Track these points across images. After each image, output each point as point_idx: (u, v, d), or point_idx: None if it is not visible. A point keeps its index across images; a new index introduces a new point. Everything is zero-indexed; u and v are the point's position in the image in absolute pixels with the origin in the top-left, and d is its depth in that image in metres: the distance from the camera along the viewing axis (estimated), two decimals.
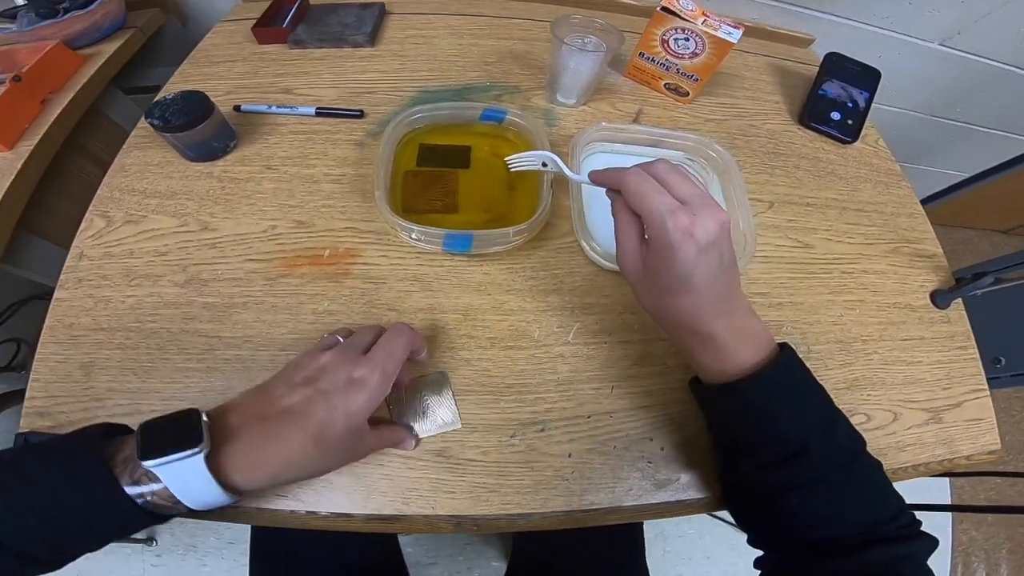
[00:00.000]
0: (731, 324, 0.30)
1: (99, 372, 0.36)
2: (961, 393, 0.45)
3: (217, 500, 0.27)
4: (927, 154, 1.02)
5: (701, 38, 0.51)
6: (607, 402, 0.39)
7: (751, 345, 0.31)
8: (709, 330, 0.30)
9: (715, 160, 0.48)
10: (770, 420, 0.30)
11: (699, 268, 0.28)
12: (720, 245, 0.29)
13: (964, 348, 0.47)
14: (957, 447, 0.42)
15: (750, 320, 0.32)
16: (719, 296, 0.30)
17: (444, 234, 0.39)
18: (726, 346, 0.30)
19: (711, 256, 0.28)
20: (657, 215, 0.28)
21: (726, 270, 0.30)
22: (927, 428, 0.42)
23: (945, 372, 0.45)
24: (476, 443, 0.36)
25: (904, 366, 0.45)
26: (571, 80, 0.52)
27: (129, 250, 0.42)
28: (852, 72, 0.62)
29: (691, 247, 0.27)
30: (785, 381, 0.31)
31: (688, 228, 0.27)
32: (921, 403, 0.43)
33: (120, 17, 0.63)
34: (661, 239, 0.28)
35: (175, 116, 0.44)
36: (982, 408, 0.44)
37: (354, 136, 0.50)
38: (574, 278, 0.43)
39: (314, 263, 0.42)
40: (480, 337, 0.40)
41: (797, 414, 0.30)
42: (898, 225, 0.53)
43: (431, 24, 0.63)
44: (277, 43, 0.59)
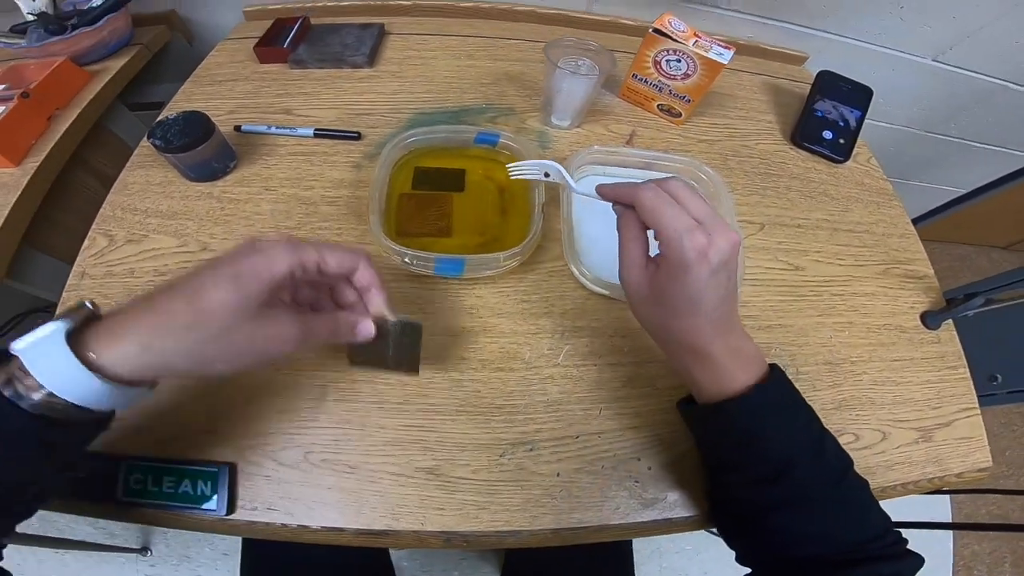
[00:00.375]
0: (728, 344, 0.31)
1: None
2: (951, 412, 0.45)
3: (87, 382, 0.23)
4: (924, 170, 1.02)
5: (692, 59, 0.52)
6: (596, 423, 0.39)
7: (746, 365, 0.31)
8: (708, 350, 0.30)
9: (705, 183, 0.49)
10: (756, 439, 0.30)
11: (709, 290, 0.28)
12: (730, 267, 0.29)
13: (955, 368, 0.47)
14: (947, 465, 0.43)
15: (745, 340, 0.32)
16: (722, 317, 0.30)
17: (436, 258, 0.40)
18: (723, 366, 0.31)
19: (721, 278, 0.28)
20: (674, 233, 0.27)
21: (731, 293, 0.30)
22: (917, 447, 0.43)
23: (935, 392, 0.46)
24: (466, 462, 0.37)
25: (894, 386, 0.45)
26: (565, 103, 0.53)
27: (130, 269, 0.43)
28: (844, 91, 0.63)
29: (704, 268, 0.27)
30: (771, 401, 0.31)
31: (704, 249, 0.27)
32: (911, 422, 0.44)
33: (127, 34, 0.65)
34: (676, 257, 0.28)
35: (176, 137, 0.45)
36: (973, 427, 0.45)
37: (351, 158, 0.51)
38: (565, 302, 0.44)
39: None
40: (471, 359, 0.41)
41: (783, 434, 0.31)
42: (889, 246, 0.54)
43: (428, 45, 0.64)
44: (278, 63, 0.60)
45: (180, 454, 0.35)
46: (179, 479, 0.34)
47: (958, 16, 0.66)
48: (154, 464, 0.35)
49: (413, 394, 0.39)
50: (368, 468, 0.36)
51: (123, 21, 0.63)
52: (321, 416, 0.37)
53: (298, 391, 0.38)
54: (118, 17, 0.61)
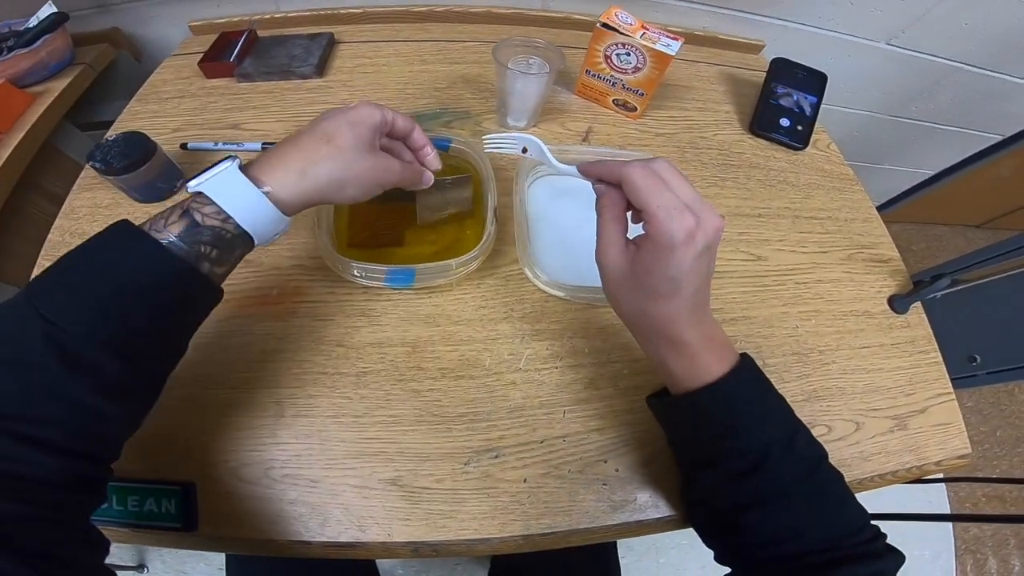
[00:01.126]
0: (702, 332, 0.30)
1: None
2: (925, 398, 0.45)
3: (260, 205, 0.29)
4: (890, 154, 1.03)
5: (641, 52, 0.52)
6: (559, 426, 0.39)
7: (719, 354, 0.31)
8: (683, 337, 0.30)
9: None
10: (730, 430, 0.30)
11: (692, 272, 0.28)
12: (713, 251, 0.29)
13: (926, 352, 0.47)
14: (925, 453, 0.42)
15: (717, 329, 0.32)
16: (699, 303, 0.30)
17: (386, 270, 0.39)
18: (697, 354, 0.30)
19: (704, 261, 0.28)
20: (663, 212, 0.27)
21: (709, 278, 0.30)
22: (892, 436, 0.42)
23: (907, 378, 0.45)
24: (429, 471, 0.36)
25: (864, 374, 0.45)
26: (519, 103, 0.52)
27: None
28: (799, 77, 0.63)
29: (691, 249, 0.27)
30: (745, 389, 0.31)
31: (692, 230, 0.27)
32: (884, 411, 0.43)
33: (67, 54, 0.63)
34: (662, 237, 0.27)
35: (116, 159, 0.44)
36: (948, 412, 0.44)
37: None
38: (524, 305, 0.43)
39: (263, 303, 0.42)
40: (430, 368, 0.40)
41: (756, 423, 0.30)
42: (853, 231, 0.54)
43: (381, 52, 0.63)
44: (225, 77, 0.59)
45: (143, 474, 0.35)
46: (143, 498, 0.35)
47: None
48: (118, 484, 0.35)
49: (372, 406, 0.38)
50: (330, 481, 0.35)
51: (62, 41, 0.61)
52: (280, 432, 0.37)
53: (255, 408, 0.37)
54: (56, 37, 0.59)
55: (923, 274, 0.52)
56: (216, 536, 0.34)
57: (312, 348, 0.40)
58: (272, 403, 0.38)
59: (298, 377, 0.39)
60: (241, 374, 0.39)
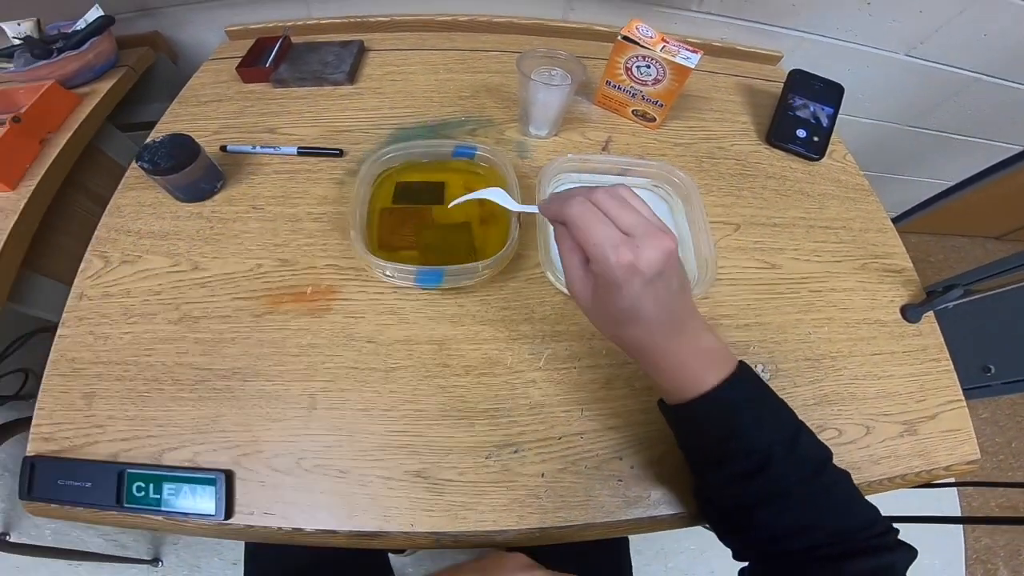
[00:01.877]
0: (686, 344, 0.30)
1: (100, 401, 0.39)
2: (936, 405, 0.45)
3: None
4: (909, 164, 1.03)
5: (661, 65, 0.53)
6: (577, 424, 0.40)
7: (710, 363, 0.31)
8: (663, 353, 0.30)
9: (678, 186, 0.50)
10: (730, 436, 0.31)
11: (646, 300, 0.28)
12: (667, 275, 0.28)
13: (937, 360, 0.48)
14: (934, 458, 0.43)
15: (707, 338, 0.32)
16: (670, 322, 0.30)
17: (416, 270, 0.41)
18: (684, 365, 0.31)
19: (658, 287, 0.28)
20: (599, 251, 0.27)
21: (675, 296, 0.29)
22: (902, 440, 0.43)
23: (918, 385, 0.46)
24: (453, 464, 0.38)
25: (875, 380, 0.46)
26: (541, 113, 0.54)
27: (126, 290, 0.45)
28: (816, 88, 0.64)
29: (636, 281, 0.27)
30: (741, 396, 0.31)
31: (632, 264, 0.27)
32: (894, 416, 0.44)
33: (112, 56, 0.66)
34: (605, 275, 0.28)
35: (163, 159, 0.46)
36: (958, 419, 0.45)
37: (334, 175, 0.53)
38: (544, 308, 0.45)
39: (297, 300, 0.44)
40: (455, 366, 0.42)
41: (755, 428, 0.31)
42: (867, 240, 0.55)
43: (408, 60, 0.65)
44: (261, 82, 0.62)
45: (179, 463, 0.37)
46: (179, 486, 0.36)
47: (925, 10, 0.67)
48: (155, 473, 0.36)
49: (399, 401, 0.40)
50: (358, 472, 0.37)
51: (108, 44, 0.64)
52: (312, 424, 0.39)
53: (289, 400, 0.40)
54: (102, 40, 0.62)
55: (936, 284, 0.53)
56: (248, 525, 0.36)
57: (344, 344, 0.42)
58: (306, 396, 0.40)
59: (331, 371, 0.41)
60: (276, 367, 0.41)
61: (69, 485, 0.36)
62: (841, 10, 0.68)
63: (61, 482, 0.36)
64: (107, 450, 0.38)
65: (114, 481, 0.36)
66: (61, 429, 0.38)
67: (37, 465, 0.37)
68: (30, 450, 0.38)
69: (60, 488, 0.36)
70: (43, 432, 0.38)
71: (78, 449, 0.38)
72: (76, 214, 0.64)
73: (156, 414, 0.39)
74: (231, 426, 0.39)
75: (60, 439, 0.38)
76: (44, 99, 0.57)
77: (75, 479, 0.36)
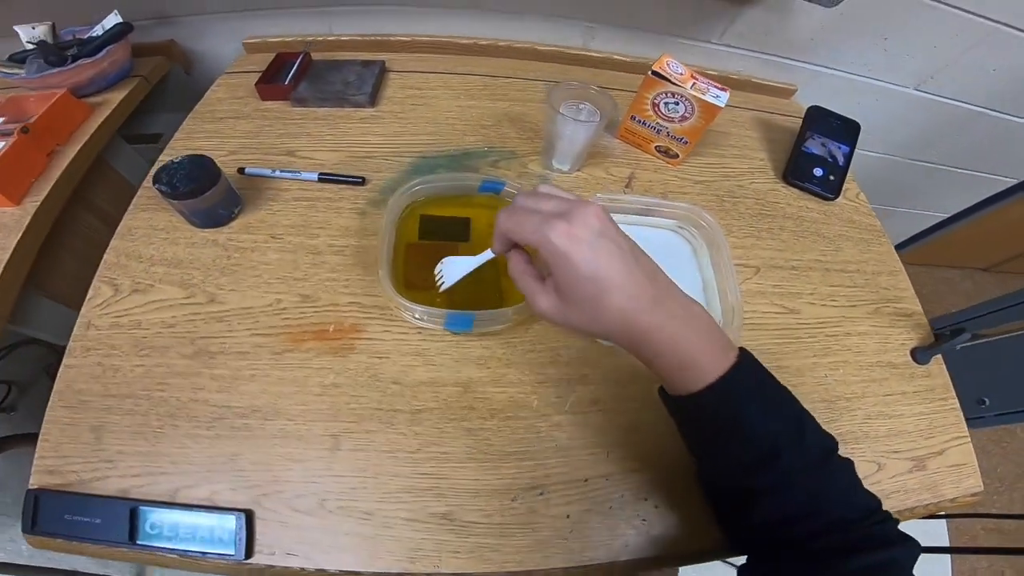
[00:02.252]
0: (673, 314, 0.29)
1: (109, 436, 0.38)
2: (943, 441, 0.47)
3: None
4: (906, 197, 1.05)
5: (690, 102, 0.54)
6: (603, 466, 0.41)
7: (710, 349, 0.30)
8: (648, 321, 0.29)
9: (705, 229, 0.50)
10: (736, 427, 0.30)
11: (600, 260, 0.28)
12: (608, 233, 0.28)
13: (945, 400, 0.50)
14: (941, 491, 0.45)
15: (690, 305, 0.31)
16: (643, 283, 0.29)
17: (446, 315, 0.40)
18: (676, 340, 0.29)
19: (605, 245, 0.28)
20: (538, 234, 0.28)
21: (631, 253, 0.29)
22: (911, 476, 0.45)
23: (927, 423, 0.48)
24: (479, 507, 0.38)
25: (887, 420, 0.47)
26: (566, 148, 0.54)
27: (137, 321, 0.43)
28: (833, 126, 0.65)
29: (581, 246, 0.27)
30: (747, 386, 0.31)
31: (568, 231, 0.27)
32: (904, 453, 0.46)
33: (127, 65, 0.64)
34: (552, 254, 0.28)
35: (182, 182, 0.45)
36: (964, 454, 0.47)
37: (356, 204, 0.52)
38: (570, 351, 0.45)
39: (319, 338, 0.43)
40: (481, 408, 0.42)
41: (761, 419, 0.30)
42: (879, 284, 0.56)
43: (429, 83, 0.65)
44: (280, 100, 0.60)
45: (196, 501, 0.36)
46: (196, 525, 0.35)
47: (939, 46, 0.68)
48: (170, 511, 0.35)
49: (425, 443, 0.40)
50: (383, 514, 0.37)
51: (123, 52, 0.62)
52: (335, 465, 0.38)
53: (311, 440, 0.39)
54: (119, 48, 0.60)
55: (941, 320, 0.54)
56: (268, 565, 0.35)
57: (369, 384, 0.42)
58: (328, 436, 0.39)
59: (355, 412, 0.40)
60: (298, 406, 0.40)
61: (78, 520, 0.35)
62: (859, 45, 0.70)
63: (69, 517, 0.35)
64: (117, 485, 0.36)
65: (126, 518, 0.35)
66: (68, 463, 0.37)
67: (41, 498, 0.36)
68: (33, 483, 0.36)
69: (68, 523, 0.35)
70: (47, 465, 0.37)
71: (86, 484, 0.36)
72: (79, 231, 0.62)
73: (170, 451, 0.38)
74: (250, 465, 0.38)
75: (67, 472, 0.37)
76: (55, 109, 0.55)
77: (84, 515, 0.35)
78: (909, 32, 0.67)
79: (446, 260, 0.39)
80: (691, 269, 0.51)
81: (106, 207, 0.64)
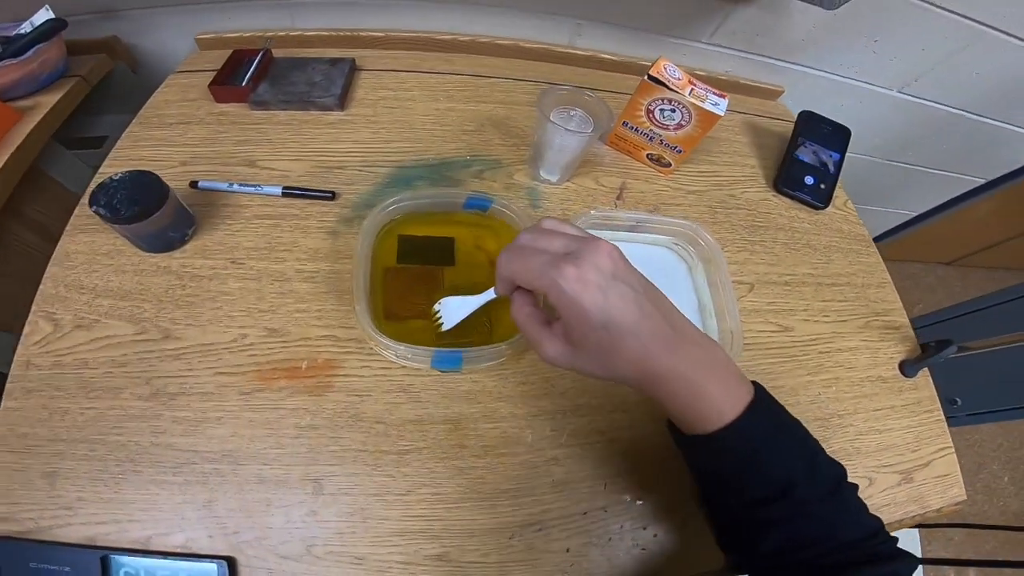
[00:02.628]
0: (690, 356, 0.28)
1: (65, 482, 0.35)
2: (929, 453, 0.48)
3: None
4: (879, 196, 1.07)
5: (688, 110, 0.51)
6: (601, 498, 0.39)
7: (726, 388, 0.29)
8: (666, 366, 0.28)
9: (703, 248, 0.48)
10: (750, 465, 0.29)
11: (613, 306, 0.26)
12: (620, 274, 0.27)
13: (931, 412, 0.50)
14: (927, 502, 0.45)
15: (709, 347, 0.29)
16: (659, 327, 0.27)
17: (432, 353, 0.37)
18: (693, 382, 0.28)
19: (618, 288, 0.26)
20: (545, 279, 0.26)
21: (646, 296, 0.28)
22: (900, 489, 0.45)
23: (914, 436, 0.48)
24: (475, 547, 0.36)
25: (877, 435, 0.47)
26: (556, 157, 0.50)
27: (83, 360, 0.39)
28: (824, 132, 0.64)
29: (593, 291, 0.26)
30: (763, 424, 0.30)
31: (578, 275, 0.26)
32: (893, 466, 0.46)
33: (60, 65, 0.56)
34: (560, 300, 0.26)
35: (124, 205, 0.39)
36: (948, 464, 0.48)
37: (326, 222, 0.47)
38: (564, 381, 0.43)
39: (292, 376, 0.40)
40: (473, 446, 0.39)
41: (777, 456, 0.30)
42: (868, 297, 0.56)
43: (404, 84, 0.60)
44: (237, 103, 0.55)
45: (171, 549, 0.33)
46: (174, 572, 0.33)
47: (927, 48, 0.68)
48: (146, 560, 0.33)
49: (415, 484, 0.37)
50: (376, 559, 0.35)
51: (56, 51, 0.54)
52: (321, 510, 0.36)
53: (290, 485, 0.36)
54: (50, 47, 0.53)
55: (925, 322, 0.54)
56: None
57: (350, 425, 0.38)
58: (309, 480, 0.36)
59: (336, 455, 0.37)
60: (273, 450, 0.37)
61: (44, 569, 0.32)
62: (848, 47, 0.68)
63: (35, 565, 0.32)
64: (82, 533, 0.33)
65: (97, 567, 0.32)
66: (22, 509, 0.34)
67: (2, 546, 0.33)
68: None
69: (34, 571, 0.32)
70: None
71: (46, 531, 0.33)
72: (15, 247, 0.55)
73: (136, 497, 0.35)
74: (226, 512, 0.35)
75: (23, 519, 0.33)
76: None
77: (51, 563, 0.33)
78: (899, 34, 0.66)
79: (445, 301, 0.37)
80: (686, 289, 0.49)
81: (44, 220, 0.57)
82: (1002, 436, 1.37)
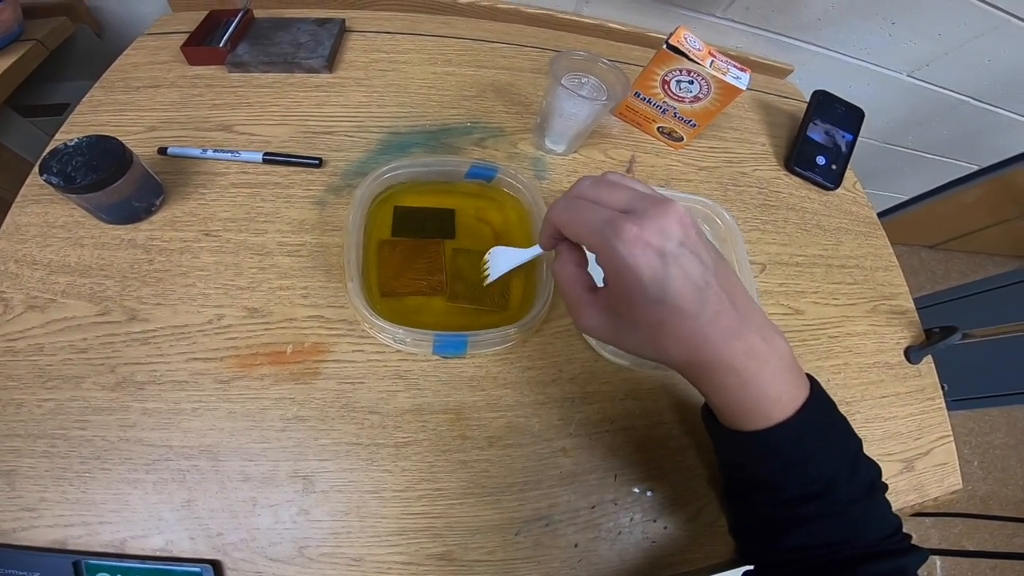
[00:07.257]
0: (749, 347, 0.24)
1: (25, 481, 0.31)
2: (930, 441, 0.47)
3: None
4: (875, 179, 1.06)
5: (708, 82, 0.47)
6: (611, 491, 0.37)
7: (784, 384, 0.26)
8: (721, 356, 0.24)
9: (719, 227, 0.46)
10: (799, 464, 0.27)
11: (673, 278, 0.22)
12: (691, 245, 0.23)
13: (933, 399, 0.50)
14: (926, 491, 0.45)
15: (772, 338, 0.25)
16: (723, 311, 0.23)
17: (434, 337, 0.34)
18: (747, 376, 0.25)
19: (685, 259, 0.22)
20: (599, 236, 0.22)
21: (713, 271, 0.24)
22: (901, 477, 0.45)
23: (917, 424, 0.48)
24: (480, 544, 0.34)
25: (882, 422, 0.47)
26: (564, 126, 0.47)
27: (38, 345, 0.34)
28: (837, 112, 0.62)
29: (651, 256, 0.22)
30: (816, 424, 0.27)
31: (638, 237, 0.22)
32: (897, 455, 0.45)
33: (15, 28, 0.50)
34: (613, 263, 0.22)
35: (81, 173, 0.35)
36: (947, 453, 0.47)
37: (312, 191, 0.43)
38: (573, 366, 0.40)
39: (275, 362, 0.36)
40: (476, 437, 0.37)
41: (824, 456, 0.28)
42: (876, 281, 0.54)
43: (399, 46, 0.55)
44: (213, 65, 0.49)
45: (150, 552, 0.31)
46: None
47: (944, 33, 0.66)
48: (122, 564, 0.30)
49: (415, 480, 0.35)
50: (374, 559, 0.33)
51: (10, 12, 0.48)
52: (312, 508, 0.33)
53: (278, 482, 0.33)
54: (4, 8, 0.47)
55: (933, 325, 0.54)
56: None
57: (342, 416, 0.35)
58: (299, 477, 0.33)
59: (327, 448, 0.34)
60: (257, 444, 0.34)
61: (11, 575, 0.30)
62: (864, 28, 0.66)
63: (2, 571, 0.30)
64: (49, 536, 0.30)
65: (69, 572, 0.30)
66: None
67: None
68: None
69: None
70: None
71: (9, 534, 0.30)
72: None
73: (106, 497, 0.31)
74: (208, 512, 0.32)
75: None
76: None
77: (19, 568, 0.30)
78: (917, 16, 0.63)
79: (495, 250, 0.34)
80: None
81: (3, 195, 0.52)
82: (973, 421, 1.42)
